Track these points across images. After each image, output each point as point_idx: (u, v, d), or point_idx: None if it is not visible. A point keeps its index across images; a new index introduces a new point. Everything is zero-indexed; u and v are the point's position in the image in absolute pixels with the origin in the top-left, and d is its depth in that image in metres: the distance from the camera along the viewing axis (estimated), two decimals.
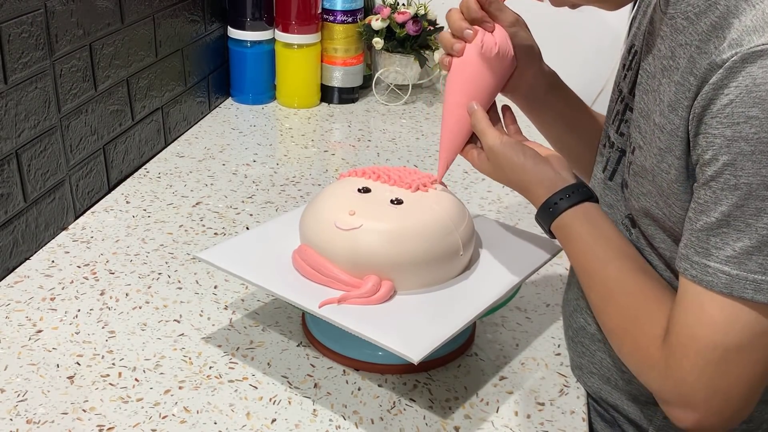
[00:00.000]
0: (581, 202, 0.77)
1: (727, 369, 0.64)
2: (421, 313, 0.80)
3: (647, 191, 0.72)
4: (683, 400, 0.66)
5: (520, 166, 0.80)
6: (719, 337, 0.63)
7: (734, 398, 0.65)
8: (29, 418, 0.78)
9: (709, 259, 0.63)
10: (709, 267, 0.63)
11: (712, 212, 0.63)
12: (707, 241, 0.63)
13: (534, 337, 0.95)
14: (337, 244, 0.82)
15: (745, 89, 0.60)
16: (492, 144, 0.81)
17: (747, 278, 0.61)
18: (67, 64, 1.11)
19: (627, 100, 0.80)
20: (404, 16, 1.63)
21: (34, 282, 1.00)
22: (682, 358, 0.65)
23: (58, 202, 1.12)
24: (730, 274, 0.62)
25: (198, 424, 0.79)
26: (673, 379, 0.66)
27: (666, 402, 0.69)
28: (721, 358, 0.64)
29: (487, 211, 1.24)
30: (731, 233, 0.62)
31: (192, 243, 1.11)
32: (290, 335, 0.93)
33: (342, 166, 1.41)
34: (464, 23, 0.82)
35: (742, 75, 0.60)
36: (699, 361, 0.64)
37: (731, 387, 0.64)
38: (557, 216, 0.78)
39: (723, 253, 0.62)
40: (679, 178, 0.67)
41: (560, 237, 0.79)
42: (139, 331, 0.92)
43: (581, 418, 0.82)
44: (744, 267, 0.61)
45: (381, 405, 0.83)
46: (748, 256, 0.61)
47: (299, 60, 1.64)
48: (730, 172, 0.61)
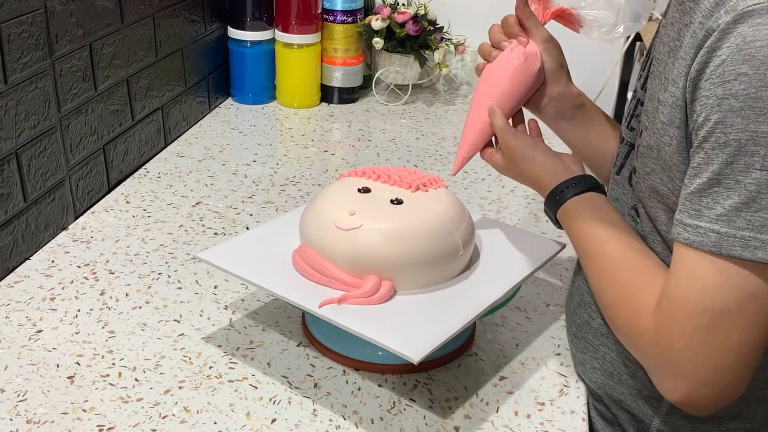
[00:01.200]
0: (588, 190, 0.80)
1: (716, 334, 0.63)
2: (421, 313, 0.80)
3: (651, 169, 0.73)
4: (672, 369, 0.66)
5: (531, 157, 0.85)
6: (708, 300, 0.63)
7: (724, 367, 0.64)
8: (29, 418, 0.78)
9: (701, 219, 0.63)
10: (701, 227, 0.63)
11: (704, 173, 0.63)
12: (699, 203, 0.63)
13: (534, 337, 0.95)
14: (337, 244, 0.82)
15: (736, 48, 0.61)
16: (506, 138, 0.87)
17: (735, 235, 0.61)
18: (67, 64, 1.11)
19: (639, 95, 0.81)
20: (404, 16, 1.63)
21: (34, 282, 1.00)
22: (672, 323, 0.65)
23: (58, 202, 1.12)
24: (720, 232, 0.62)
25: (198, 424, 0.79)
26: (663, 345, 0.66)
27: (656, 373, 0.68)
28: (710, 322, 0.63)
29: (487, 211, 1.24)
30: (721, 191, 0.62)
31: (192, 243, 1.11)
32: (290, 335, 0.93)
33: (342, 166, 1.41)
34: (502, 36, 0.90)
35: (733, 35, 0.61)
36: (688, 325, 0.64)
37: (720, 354, 0.64)
38: (563, 203, 0.80)
39: (714, 212, 0.62)
40: (679, 148, 0.68)
41: (565, 223, 0.81)
42: (139, 331, 0.92)
43: (581, 418, 0.82)
44: (733, 224, 0.61)
45: (381, 405, 0.83)
46: (737, 213, 0.61)
47: (299, 60, 1.64)
48: (721, 130, 0.61)
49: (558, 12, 0.91)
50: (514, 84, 0.88)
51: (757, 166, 0.60)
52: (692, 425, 0.79)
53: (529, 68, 0.88)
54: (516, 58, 0.87)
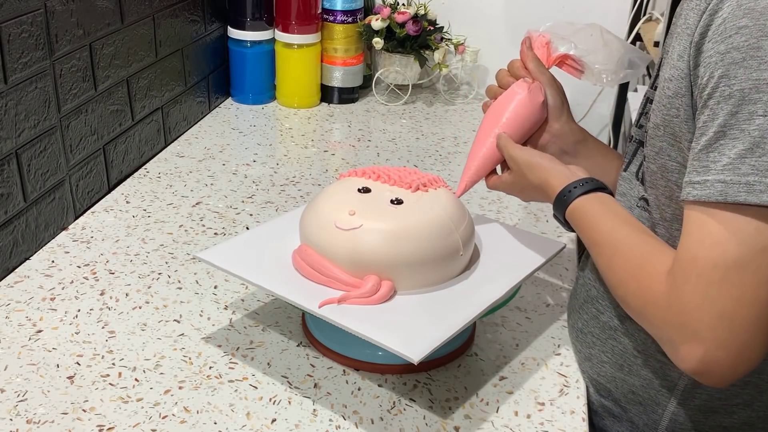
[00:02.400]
0: (594, 190, 0.81)
1: (729, 290, 0.62)
2: (421, 313, 0.80)
3: (660, 148, 0.73)
4: (687, 332, 0.64)
5: (537, 164, 0.87)
6: (719, 255, 0.62)
7: (739, 326, 0.62)
8: (29, 418, 0.78)
9: (708, 173, 0.63)
10: (708, 181, 0.63)
11: (710, 129, 0.63)
12: (707, 158, 0.63)
13: (534, 337, 0.95)
14: (337, 244, 0.82)
15: (736, 4, 0.62)
16: (512, 152, 0.90)
17: (740, 181, 0.61)
18: (67, 64, 1.11)
19: (649, 94, 0.82)
20: (404, 16, 1.63)
21: (34, 282, 1.00)
22: (684, 283, 0.64)
23: (58, 202, 1.12)
24: (725, 181, 0.62)
25: (198, 424, 0.79)
26: (676, 308, 0.65)
27: (670, 341, 0.66)
28: (722, 278, 0.62)
29: (487, 211, 1.24)
30: (727, 143, 0.62)
31: (192, 243, 1.11)
32: (290, 335, 0.93)
33: (342, 166, 1.41)
34: (510, 78, 0.95)
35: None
36: (700, 283, 0.63)
37: (735, 311, 0.62)
38: (571, 201, 0.81)
39: (720, 164, 0.62)
40: (686, 116, 0.68)
41: (574, 220, 0.82)
42: (139, 331, 0.92)
43: (581, 418, 0.82)
44: (738, 171, 0.61)
45: (381, 405, 0.83)
46: (742, 159, 0.61)
47: (299, 60, 1.64)
48: (725, 83, 0.62)
49: (561, 58, 0.97)
50: (518, 114, 0.92)
51: (759, 113, 0.61)
52: (704, 414, 0.79)
53: (533, 100, 0.92)
54: (520, 90, 0.93)
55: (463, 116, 1.67)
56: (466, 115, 1.68)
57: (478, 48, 1.74)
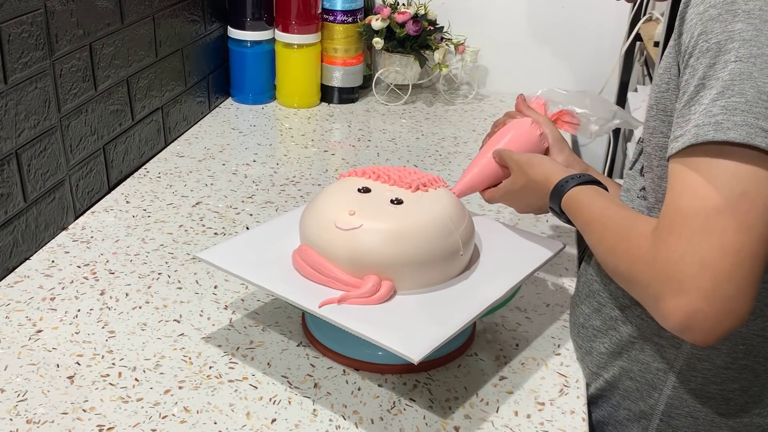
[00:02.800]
0: (589, 183, 0.85)
1: (711, 237, 0.61)
2: (421, 313, 0.80)
3: (653, 127, 0.75)
4: (672, 285, 0.63)
5: (538, 162, 0.91)
6: (699, 203, 0.62)
7: (722, 275, 0.61)
8: (29, 418, 0.78)
9: (687, 124, 0.64)
10: (687, 132, 0.64)
11: (690, 85, 0.65)
12: (689, 112, 0.65)
13: (534, 337, 0.95)
14: (337, 244, 0.82)
15: None
16: (513, 155, 0.94)
17: (710, 122, 0.62)
18: (67, 64, 1.11)
19: None
20: (404, 16, 1.63)
21: (34, 282, 1.00)
22: (668, 235, 0.64)
23: (58, 202, 1.12)
24: (698, 124, 0.63)
25: (198, 424, 0.79)
26: (661, 262, 0.64)
27: (656, 298, 0.65)
28: (703, 225, 0.62)
29: (487, 211, 1.24)
30: (705, 93, 0.64)
31: (192, 243, 1.11)
32: (290, 335, 0.93)
33: (342, 166, 1.41)
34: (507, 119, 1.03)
35: None
36: (683, 233, 0.63)
37: (717, 260, 0.61)
38: (566, 192, 0.84)
39: (696, 114, 0.64)
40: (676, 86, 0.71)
41: (568, 208, 0.84)
42: (139, 331, 0.92)
43: (581, 418, 0.82)
44: (709, 113, 0.63)
45: (381, 405, 0.83)
46: (713, 103, 0.63)
47: (299, 60, 1.64)
48: (703, 39, 0.65)
49: (558, 115, 1.04)
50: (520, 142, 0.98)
51: (732, 59, 0.63)
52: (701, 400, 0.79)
53: (532, 130, 0.99)
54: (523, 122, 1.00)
55: (463, 116, 1.67)
56: (466, 115, 1.68)
57: (478, 48, 1.74)
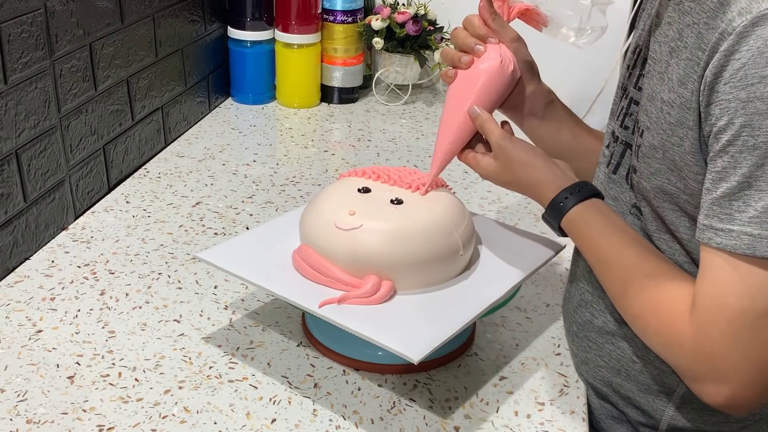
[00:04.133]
0: (589, 198, 0.80)
1: (759, 336, 0.63)
2: (421, 313, 0.80)
3: (656, 169, 0.73)
4: (715, 374, 0.65)
5: (530, 162, 0.82)
6: (747, 303, 0.63)
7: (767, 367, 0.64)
8: (29, 418, 0.78)
9: (733, 223, 0.63)
10: (733, 231, 0.63)
11: (732, 177, 0.63)
12: (730, 206, 0.63)
13: (534, 337, 0.95)
14: (337, 244, 0.82)
15: (757, 51, 0.60)
16: (502, 143, 0.83)
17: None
18: (67, 64, 1.11)
19: (632, 94, 0.81)
20: (404, 16, 1.63)
21: (34, 282, 1.00)
22: (712, 328, 0.65)
23: (58, 202, 1.12)
24: (753, 234, 0.62)
25: (198, 424, 0.79)
26: (704, 353, 0.66)
27: (696, 379, 0.68)
28: (751, 325, 0.63)
29: (487, 211, 1.24)
30: (753, 194, 0.62)
31: (192, 243, 1.11)
32: (290, 335, 0.93)
33: (342, 166, 1.41)
34: (473, 39, 0.86)
35: (752, 38, 0.61)
36: (729, 330, 0.64)
37: (763, 354, 0.63)
38: (567, 211, 0.79)
39: (746, 215, 0.62)
40: (692, 149, 0.68)
41: (571, 231, 0.80)
42: (139, 331, 0.92)
43: (581, 418, 0.82)
44: (766, 225, 0.61)
45: (381, 405, 0.83)
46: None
47: (299, 60, 1.64)
48: (748, 133, 0.61)
49: (522, 10, 0.88)
50: (491, 87, 0.85)
51: None
52: (702, 417, 0.79)
53: (505, 71, 0.85)
54: (492, 61, 0.85)
55: None
56: None
57: None
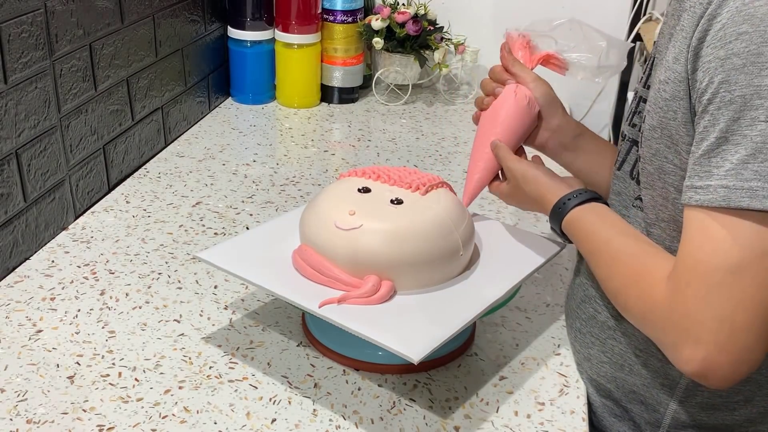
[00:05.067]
0: (589, 200, 0.82)
1: (730, 293, 0.63)
2: (421, 313, 0.80)
3: (656, 150, 0.73)
4: (688, 335, 0.65)
5: (533, 177, 0.88)
6: (720, 259, 0.63)
7: (740, 329, 0.63)
8: (29, 418, 0.78)
9: (711, 179, 0.63)
10: (711, 186, 0.63)
11: (711, 135, 0.64)
12: (709, 163, 0.64)
13: (534, 337, 0.95)
14: (337, 244, 0.82)
15: (735, 10, 0.62)
16: (510, 164, 0.91)
17: (743, 187, 0.61)
18: (67, 64, 1.11)
19: (641, 93, 0.82)
20: (404, 16, 1.63)
21: (34, 282, 1.00)
22: (686, 287, 0.65)
23: (58, 202, 1.12)
24: (728, 186, 0.62)
25: (198, 424, 0.79)
26: (678, 312, 0.66)
27: (672, 345, 0.67)
28: (722, 281, 0.63)
29: (487, 211, 1.24)
30: (729, 148, 0.62)
31: (192, 243, 1.11)
32: (290, 335, 0.93)
33: (342, 166, 1.41)
34: (494, 84, 0.96)
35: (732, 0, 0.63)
36: (702, 287, 0.64)
37: (736, 314, 0.63)
38: (566, 213, 0.82)
39: (722, 170, 0.63)
40: (684, 119, 0.68)
41: (570, 231, 0.82)
42: (139, 331, 0.92)
43: (581, 418, 0.82)
44: (740, 177, 0.62)
45: (381, 405, 0.83)
46: (744, 165, 0.61)
47: (299, 60, 1.64)
48: (725, 89, 0.63)
49: (545, 57, 0.97)
50: (511, 119, 0.93)
51: (762, 118, 0.61)
52: (706, 411, 0.79)
53: (520, 103, 0.93)
54: (510, 97, 0.93)
55: (463, 116, 1.67)
56: (466, 115, 1.68)
57: (478, 48, 1.73)
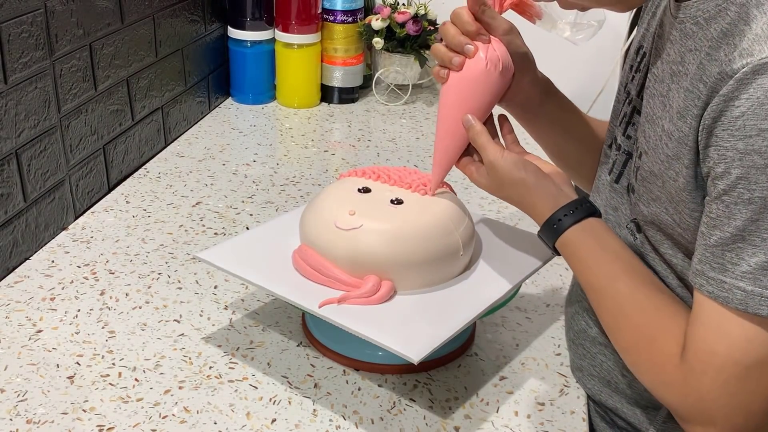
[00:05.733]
0: (585, 218, 0.76)
1: (748, 385, 0.63)
2: (421, 313, 0.80)
3: (656, 197, 0.72)
4: (703, 417, 0.66)
5: (521, 181, 0.78)
6: (738, 354, 0.63)
7: (755, 413, 0.64)
8: (29, 418, 0.78)
9: (725, 275, 0.62)
10: (725, 283, 0.62)
11: (725, 227, 0.62)
12: (722, 257, 0.62)
13: (534, 337, 0.95)
14: (337, 244, 0.82)
15: (757, 101, 0.59)
16: (493, 159, 0.79)
17: (762, 294, 0.61)
18: (67, 64, 1.11)
19: (635, 102, 0.80)
20: (404, 16, 1.63)
21: (34, 282, 1.00)
22: (702, 375, 0.65)
23: (58, 202, 1.12)
24: (746, 290, 0.61)
25: (198, 424, 0.79)
26: (693, 397, 0.66)
27: (685, 419, 0.68)
28: (741, 374, 0.63)
29: (487, 211, 1.24)
30: (746, 248, 0.61)
31: (192, 243, 1.11)
32: (290, 335, 0.93)
33: (342, 166, 1.41)
34: (462, 38, 0.78)
35: (753, 87, 0.59)
36: (719, 378, 0.64)
37: (752, 403, 0.64)
38: (562, 232, 0.76)
39: (738, 269, 0.62)
40: (687, 186, 0.67)
41: (566, 253, 0.78)
42: (139, 331, 0.92)
43: (581, 418, 0.82)
44: (759, 283, 0.61)
45: (381, 405, 0.83)
46: (763, 271, 0.60)
47: (299, 60, 1.64)
48: (744, 186, 0.60)
49: (515, 1, 0.82)
50: (486, 93, 0.80)
51: None
52: None
53: (505, 73, 0.80)
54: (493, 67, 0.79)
55: None
56: None
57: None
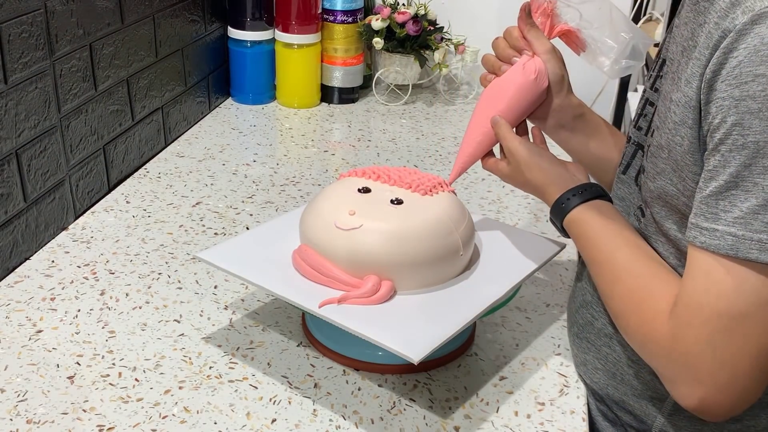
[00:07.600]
0: (593, 198, 0.80)
1: (733, 339, 0.63)
2: (421, 313, 0.80)
3: (661, 169, 0.72)
4: (688, 374, 0.66)
5: (537, 164, 0.85)
6: (725, 304, 0.63)
7: (741, 373, 0.64)
8: (29, 418, 0.78)
9: (718, 222, 0.62)
10: (717, 231, 0.62)
11: (720, 176, 0.62)
12: (716, 206, 0.63)
13: (534, 337, 0.95)
14: (337, 244, 0.82)
15: (753, 49, 0.60)
16: (511, 145, 0.86)
17: (752, 238, 0.61)
18: (67, 64, 1.11)
19: (648, 95, 0.81)
20: (404, 16, 1.63)
21: (34, 282, 1.00)
22: (688, 328, 0.65)
23: (58, 202, 1.12)
24: (736, 235, 0.61)
25: (198, 424, 0.79)
26: (678, 351, 0.66)
27: (671, 380, 0.68)
28: (726, 327, 0.63)
29: (487, 211, 1.24)
30: (739, 194, 0.61)
31: (192, 243, 1.11)
32: (290, 335, 0.93)
33: (342, 166, 1.41)
34: (511, 51, 0.89)
35: (750, 36, 0.60)
36: (704, 331, 0.64)
37: (737, 359, 0.63)
38: (569, 211, 0.80)
39: (731, 215, 0.62)
40: (691, 148, 0.67)
41: (572, 231, 0.81)
42: (139, 331, 0.92)
43: (581, 418, 0.82)
44: (750, 227, 0.61)
45: (381, 405, 0.83)
46: (754, 215, 0.60)
47: (299, 60, 1.64)
48: (738, 132, 0.61)
49: (564, 31, 0.91)
50: (521, 98, 0.88)
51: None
52: (695, 426, 0.79)
53: (538, 85, 0.88)
54: (526, 75, 0.88)
55: (463, 116, 1.67)
56: (466, 115, 1.68)
57: (478, 48, 1.73)
